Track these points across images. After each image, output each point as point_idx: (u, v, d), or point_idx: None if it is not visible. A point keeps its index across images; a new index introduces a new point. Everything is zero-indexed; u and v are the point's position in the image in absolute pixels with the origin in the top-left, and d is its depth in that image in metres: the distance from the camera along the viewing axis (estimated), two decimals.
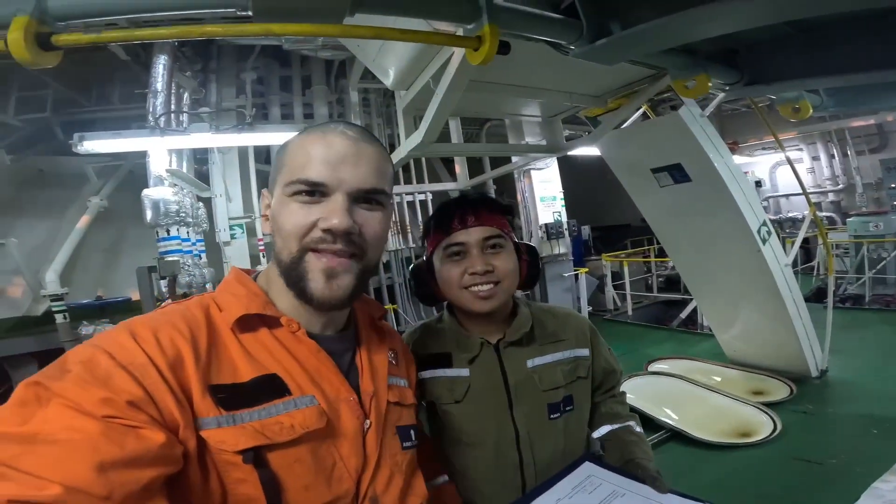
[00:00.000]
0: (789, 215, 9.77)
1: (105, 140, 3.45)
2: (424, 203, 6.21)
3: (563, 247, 5.92)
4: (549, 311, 1.07)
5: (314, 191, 0.63)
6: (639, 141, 3.00)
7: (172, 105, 4.15)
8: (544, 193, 5.90)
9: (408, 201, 6.09)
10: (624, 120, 2.78)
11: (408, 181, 6.08)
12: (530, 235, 5.94)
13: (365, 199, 0.66)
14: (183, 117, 4.30)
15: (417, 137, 2.03)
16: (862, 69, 1.45)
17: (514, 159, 4.75)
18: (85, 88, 5.67)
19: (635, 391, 3.03)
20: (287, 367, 0.63)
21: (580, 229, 7.30)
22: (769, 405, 2.72)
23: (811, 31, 1.51)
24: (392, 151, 2.33)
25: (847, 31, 1.45)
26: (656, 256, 7.54)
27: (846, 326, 4.14)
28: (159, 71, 4.07)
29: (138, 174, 4.66)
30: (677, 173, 2.87)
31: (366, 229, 0.66)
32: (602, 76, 2.19)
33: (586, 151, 4.32)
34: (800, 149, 9.65)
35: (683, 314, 5.96)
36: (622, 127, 2.90)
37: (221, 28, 0.87)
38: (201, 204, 4.52)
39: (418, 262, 1.06)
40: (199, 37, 0.86)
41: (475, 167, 6.60)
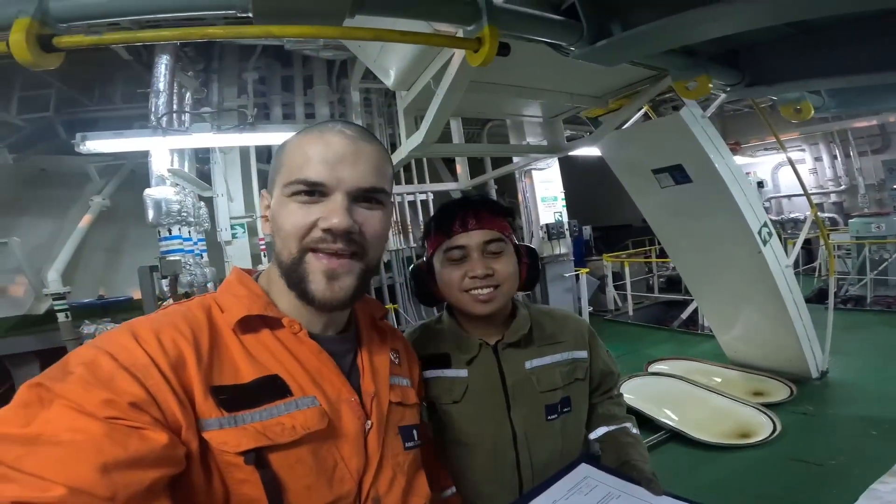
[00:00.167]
0: (791, 216, 9.75)
1: (107, 140, 3.47)
2: (426, 203, 6.21)
3: (564, 247, 5.91)
4: (548, 313, 1.07)
5: (313, 191, 0.63)
6: (640, 141, 2.99)
7: (174, 105, 4.15)
8: (545, 194, 5.89)
9: (409, 201, 6.10)
10: (625, 120, 2.78)
11: (409, 181, 6.08)
12: (531, 236, 5.94)
13: (365, 198, 0.66)
14: (185, 117, 4.31)
15: (418, 138, 2.03)
16: (863, 70, 1.45)
17: (516, 159, 4.75)
18: (87, 88, 5.69)
19: (635, 392, 3.03)
20: (288, 368, 0.63)
21: (581, 229, 7.28)
22: (769, 406, 2.72)
23: (812, 32, 1.50)
24: (393, 151, 2.33)
25: (849, 32, 1.45)
26: (657, 257, 7.53)
27: (847, 328, 4.13)
28: (161, 71, 4.08)
29: (140, 174, 4.67)
30: (678, 174, 2.86)
31: (366, 228, 0.65)
32: (603, 77, 2.19)
33: (587, 152, 4.32)
34: (802, 149, 9.62)
35: (684, 315, 5.96)
36: (623, 127, 2.90)
37: (222, 30, 0.87)
38: (203, 203, 4.54)
39: (418, 263, 1.05)
40: (200, 38, 0.87)
41: (476, 167, 6.60)
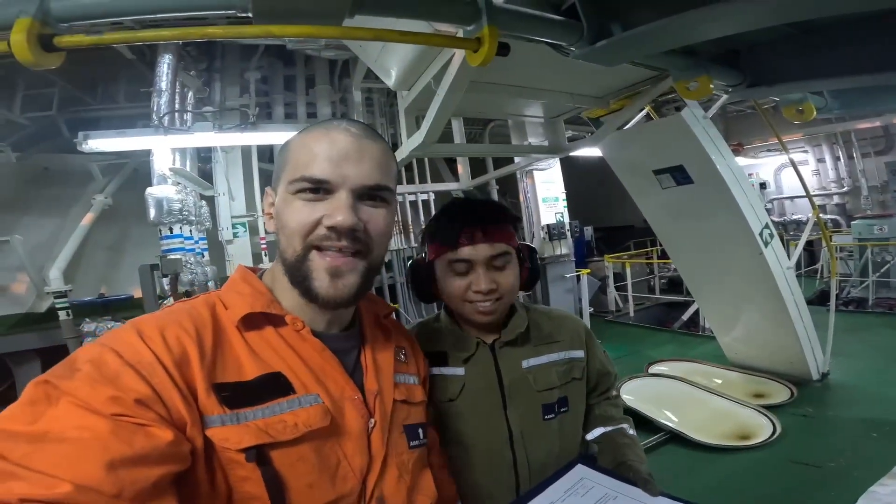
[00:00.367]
0: (794, 217, 9.71)
1: (109, 139, 3.48)
2: (427, 203, 6.21)
3: (566, 248, 5.90)
4: (545, 313, 1.07)
5: (318, 188, 0.63)
6: (641, 142, 2.99)
7: (177, 104, 4.16)
8: (547, 194, 5.88)
9: (410, 201, 6.09)
10: (626, 121, 2.77)
11: (410, 181, 6.07)
12: (532, 236, 5.93)
13: (369, 196, 0.66)
14: (187, 116, 4.32)
15: (419, 137, 2.03)
16: (866, 71, 1.44)
17: (517, 160, 4.74)
18: (91, 87, 5.71)
19: (635, 393, 3.01)
20: (292, 366, 0.63)
21: (582, 230, 7.26)
22: (769, 408, 2.71)
23: (814, 33, 1.50)
24: (394, 151, 2.33)
25: (851, 33, 1.44)
26: (659, 258, 7.51)
27: (849, 329, 4.12)
28: (164, 70, 4.09)
29: (143, 172, 4.67)
30: (679, 175, 2.86)
31: (371, 226, 0.65)
32: (604, 77, 2.19)
33: (589, 152, 4.31)
34: (805, 151, 9.58)
35: (685, 316, 5.94)
36: (624, 128, 2.90)
37: (222, 29, 0.87)
38: (204, 202, 4.55)
39: (417, 260, 1.04)
40: (200, 38, 0.87)
41: (478, 167, 6.59)
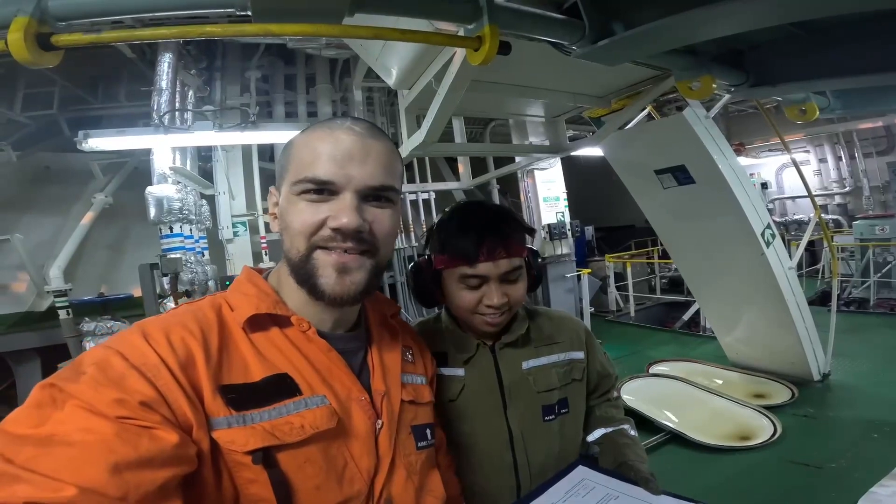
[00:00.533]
0: (795, 217, 9.69)
1: (109, 138, 3.47)
2: (427, 202, 6.20)
3: (566, 247, 5.89)
4: (546, 314, 1.07)
5: (322, 189, 0.62)
6: (642, 142, 2.98)
7: (177, 103, 4.16)
8: (547, 194, 5.86)
9: (411, 200, 6.08)
10: (628, 121, 2.76)
11: (411, 180, 6.05)
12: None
13: (374, 197, 0.65)
14: (187, 115, 4.31)
15: (419, 137, 2.02)
16: (869, 71, 1.44)
17: (518, 159, 4.73)
18: (91, 86, 5.72)
19: (636, 393, 3.00)
20: (298, 367, 0.63)
21: (583, 230, 7.25)
22: (770, 408, 2.70)
23: (817, 32, 1.49)
24: None
25: (854, 32, 1.43)
26: (660, 258, 7.50)
27: (850, 330, 4.11)
28: (164, 69, 4.08)
29: (143, 171, 4.67)
30: (681, 175, 2.85)
31: (376, 227, 0.64)
32: (606, 77, 2.18)
33: (590, 152, 4.30)
34: (807, 151, 9.56)
35: (686, 316, 5.94)
36: (626, 128, 2.89)
37: (221, 28, 0.87)
38: (204, 201, 4.54)
39: (420, 263, 1.00)
40: (199, 37, 0.86)
41: (479, 166, 6.58)
